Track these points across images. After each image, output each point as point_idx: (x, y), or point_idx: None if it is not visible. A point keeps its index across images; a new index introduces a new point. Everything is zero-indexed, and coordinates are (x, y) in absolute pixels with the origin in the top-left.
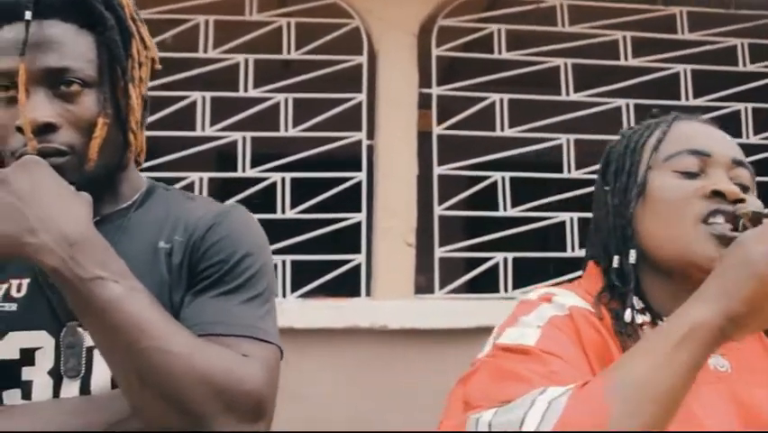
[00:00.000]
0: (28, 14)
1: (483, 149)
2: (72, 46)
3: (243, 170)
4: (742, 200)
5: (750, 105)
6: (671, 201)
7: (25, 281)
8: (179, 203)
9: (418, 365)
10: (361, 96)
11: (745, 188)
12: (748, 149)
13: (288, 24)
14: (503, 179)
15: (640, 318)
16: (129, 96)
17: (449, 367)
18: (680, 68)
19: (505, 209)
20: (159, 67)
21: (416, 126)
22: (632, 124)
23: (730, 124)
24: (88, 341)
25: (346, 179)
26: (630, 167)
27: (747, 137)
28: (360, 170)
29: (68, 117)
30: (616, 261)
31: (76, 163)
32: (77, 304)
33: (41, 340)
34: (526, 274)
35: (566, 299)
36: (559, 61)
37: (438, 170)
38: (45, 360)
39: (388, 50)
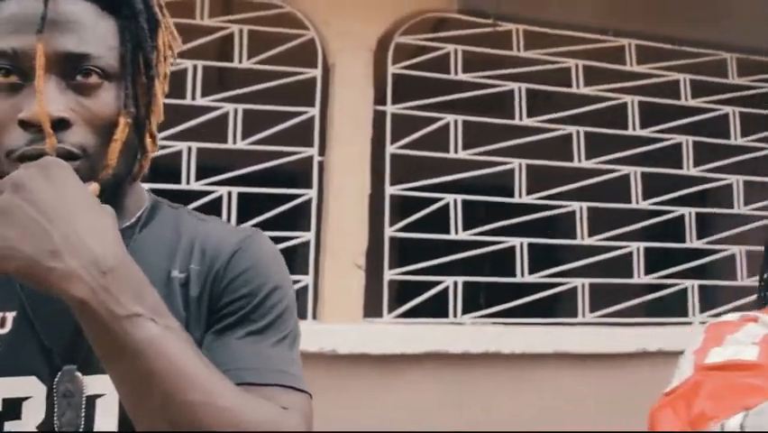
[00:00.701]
0: None
1: (436, 170)
2: (93, 29)
3: (188, 183)
4: None
5: (691, 139)
6: None
7: (10, 315)
8: (190, 224)
9: (368, 391)
10: (314, 111)
11: None
12: (688, 180)
13: (241, 31)
14: (455, 201)
15: None
16: (153, 93)
17: (401, 393)
18: (627, 98)
19: (456, 232)
20: (175, 62)
21: (369, 144)
22: (582, 151)
23: (672, 156)
24: (90, 389)
25: (296, 196)
26: None
27: (688, 169)
28: (310, 187)
29: (82, 113)
30: None
31: (88, 169)
32: (106, 346)
33: (30, 388)
34: (477, 300)
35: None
36: (513, 86)
37: (390, 190)
38: (34, 412)
39: (343, 65)
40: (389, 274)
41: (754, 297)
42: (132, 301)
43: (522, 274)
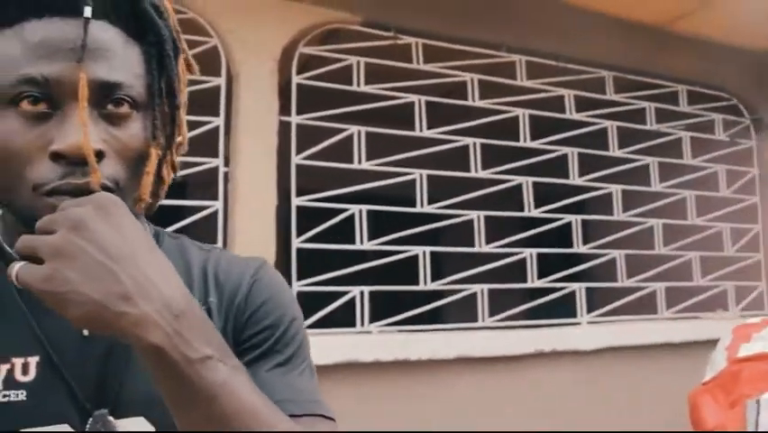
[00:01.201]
0: (87, 11)
1: (342, 181)
2: (122, 57)
3: None
4: None
5: (576, 150)
6: None
7: (32, 360)
8: (196, 254)
9: None
10: (219, 121)
11: None
12: (572, 190)
13: None
14: (360, 211)
15: None
16: (178, 123)
17: None
18: (519, 111)
19: (362, 243)
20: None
21: (275, 155)
22: (479, 162)
23: (559, 167)
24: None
25: (202, 208)
26: None
27: (573, 179)
28: (216, 198)
29: (113, 144)
30: None
31: None
32: (180, 391)
33: None
34: (384, 308)
35: None
36: (414, 98)
37: (296, 201)
38: None
39: (248, 74)
40: (297, 286)
41: (632, 297)
42: (203, 344)
43: (425, 282)
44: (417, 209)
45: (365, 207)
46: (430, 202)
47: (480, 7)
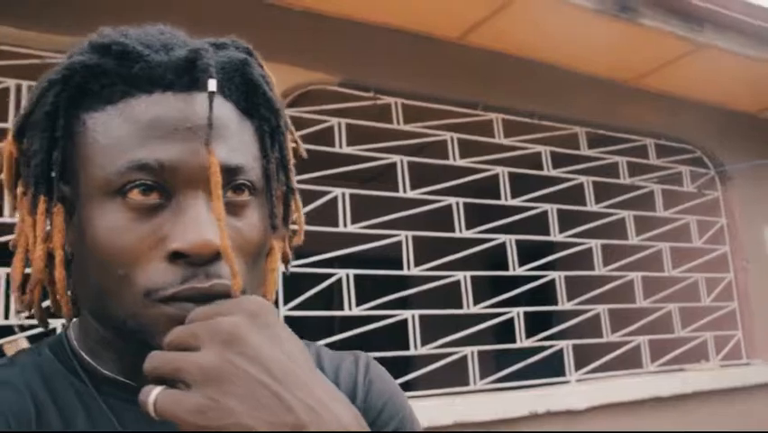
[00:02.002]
0: (212, 84)
1: (325, 244)
2: (239, 135)
3: None
4: None
5: (555, 207)
6: None
7: None
8: None
9: None
10: None
11: None
12: (554, 246)
13: None
14: (347, 276)
15: None
16: (295, 209)
17: None
18: (498, 169)
19: (350, 308)
20: None
21: None
22: (462, 222)
23: (540, 224)
24: None
25: None
26: None
27: (555, 235)
28: None
29: (234, 238)
30: None
31: None
32: None
33: None
34: None
35: None
36: (396, 158)
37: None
38: None
39: None
40: None
41: (618, 352)
42: None
43: (415, 347)
44: (404, 272)
45: (352, 272)
46: (416, 264)
47: (456, 67)
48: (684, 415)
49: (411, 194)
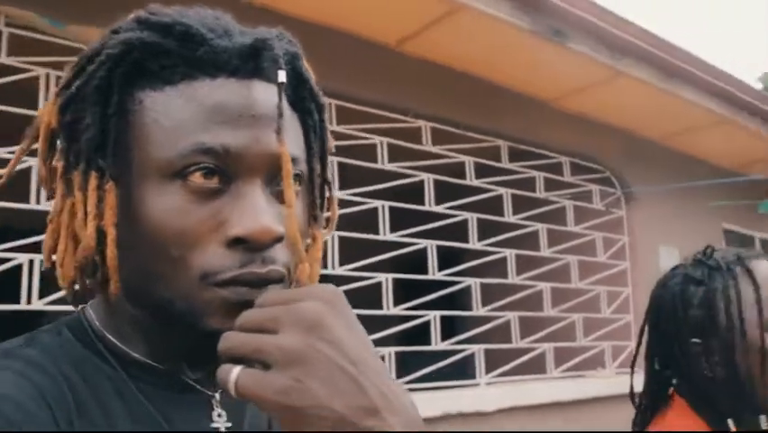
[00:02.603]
0: (282, 75)
1: None
2: (292, 126)
3: None
4: None
5: (475, 216)
6: None
7: None
8: None
9: None
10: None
11: None
12: (474, 254)
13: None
14: None
15: None
16: (331, 201)
17: None
18: (424, 176)
19: None
20: None
21: None
22: (387, 224)
23: (459, 231)
24: None
25: None
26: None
27: (474, 243)
28: None
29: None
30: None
31: None
32: None
33: None
34: None
35: None
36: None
37: None
38: None
39: None
40: None
41: (525, 357)
42: None
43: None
44: (329, 271)
45: None
46: (340, 264)
47: (390, 72)
48: (583, 418)
49: (338, 195)
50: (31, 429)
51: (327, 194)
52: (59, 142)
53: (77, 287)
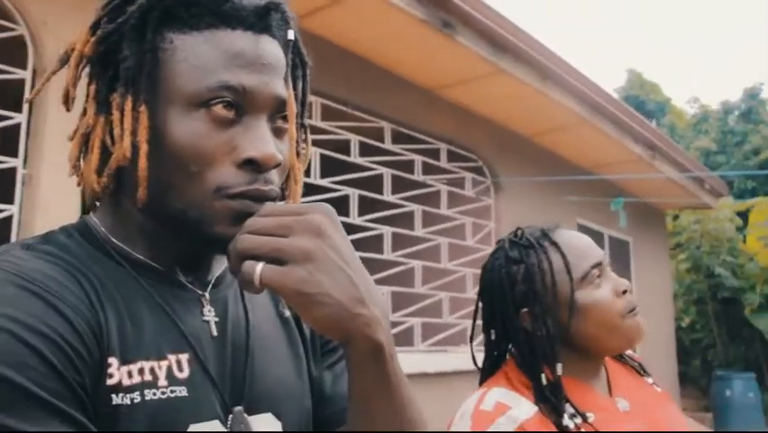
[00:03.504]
0: (291, 34)
1: None
2: (284, 74)
3: None
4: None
5: (357, 192)
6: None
7: (184, 357)
8: None
9: None
10: (21, 118)
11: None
12: (352, 228)
13: None
14: None
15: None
16: (306, 140)
17: None
18: (311, 150)
19: None
20: None
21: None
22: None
23: (340, 206)
24: (254, 428)
25: None
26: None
27: (354, 218)
28: (11, 202)
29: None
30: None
31: None
32: (384, 383)
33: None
34: None
35: (518, 410)
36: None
37: None
38: None
39: (61, 73)
40: None
41: (394, 330)
42: (392, 339)
43: None
44: None
45: None
46: None
47: None
48: (447, 390)
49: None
50: (64, 298)
51: (303, 135)
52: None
53: (96, 189)
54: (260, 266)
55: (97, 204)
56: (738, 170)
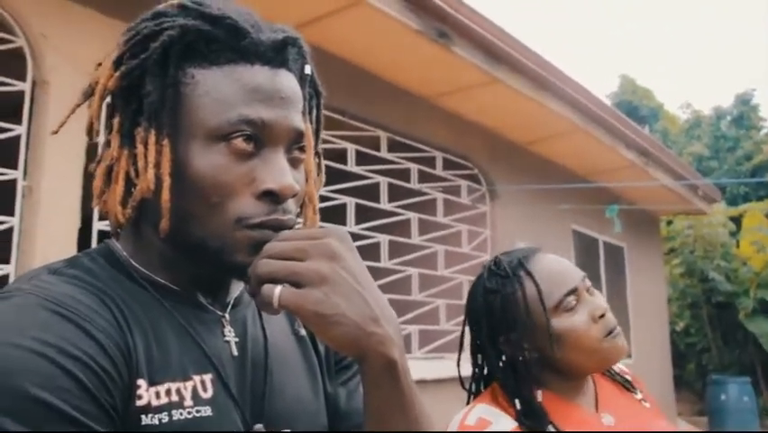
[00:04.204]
0: (308, 69)
1: None
2: (302, 107)
3: None
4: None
5: (354, 200)
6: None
7: (208, 378)
8: None
9: None
10: (21, 129)
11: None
12: (350, 236)
13: None
14: None
15: None
16: (320, 167)
17: None
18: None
19: None
20: None
21: (81, 175)
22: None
23: (338, 215)
24: None
25: None
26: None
27: (351, 226)
28: (12, 214)
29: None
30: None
31: None
32: (398, 398)
33: None
34: None
35: (498, 426)
36: None
37: (98, 226)
38: None
39: (60, 85)
40: None
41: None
42: (405, 356)
43: None
44: None
45: None
46: None
47: None
48: (444, 396)
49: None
50: (94, 322)
51: (317, 161)
52: (108, 101)
53: (120, 219)
54: (278, 289)
55: (119, 230)
56: (731, 175)
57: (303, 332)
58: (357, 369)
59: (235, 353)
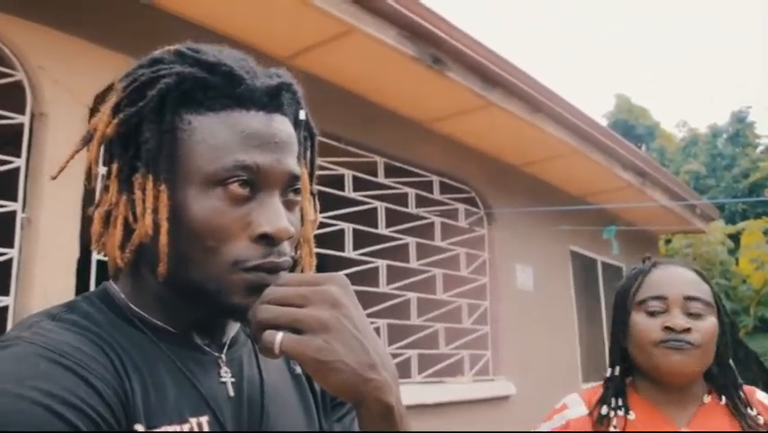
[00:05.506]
0: (302, 114)
1: None
2: (297, 150)
3: None
4: (688, 329)
5: (351, 226)
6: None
7: (204, 420)
8: None
9: None
10: (20, 162)
11: (697, 315)
12: (348, 262)
13: None
14: None
15: (612, 412)
16: (315, 208)
17: None
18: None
19: None
20: None
21: (80, 206)
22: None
23: (336, 241)
24: None
25: None
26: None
27: (349, 252)
28: (11, 246)
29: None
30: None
31: None
32: None
33: None
34: None
35: (572, 411)
36: None
37: (98, 256)
38: None
39: (58, 117)
40: None
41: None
42: (401, 401)
43: None
44: None
45: None
46: None
47: None
48: (444, 421)
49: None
50: (93, 370)
51: (312, 202)
52: (106, 147)
53: (119, 263)
54: (279, 336)
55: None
56: (728, 192)
57: (298, 370)
58: (352, 405)
59: (231, 393)
